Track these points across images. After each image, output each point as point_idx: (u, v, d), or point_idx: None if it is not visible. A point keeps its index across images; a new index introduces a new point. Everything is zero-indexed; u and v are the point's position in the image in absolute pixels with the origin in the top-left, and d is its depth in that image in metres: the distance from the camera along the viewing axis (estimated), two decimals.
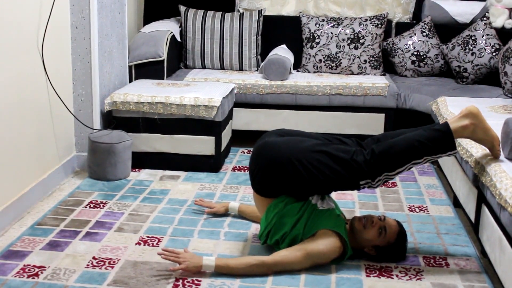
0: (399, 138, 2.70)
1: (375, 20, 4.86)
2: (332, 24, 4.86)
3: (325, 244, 2.62)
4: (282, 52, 4.66)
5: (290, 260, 2.60)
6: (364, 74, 4.80)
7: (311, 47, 4.85)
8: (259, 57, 4.96)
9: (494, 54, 4.51)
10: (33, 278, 2.52)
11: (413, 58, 4.78)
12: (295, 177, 2.67)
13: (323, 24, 4.88)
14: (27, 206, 3.25)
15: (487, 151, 2.84)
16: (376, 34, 4.82)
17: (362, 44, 4.79)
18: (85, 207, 3.31)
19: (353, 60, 4.79)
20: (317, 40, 4.84)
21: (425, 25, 4.86)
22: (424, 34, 4.81)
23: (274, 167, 2.68)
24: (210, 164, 3.92)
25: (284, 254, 2.61)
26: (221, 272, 2.57)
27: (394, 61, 4.86)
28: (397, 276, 2.63)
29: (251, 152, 2.84)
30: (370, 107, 4.45)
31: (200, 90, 3.94)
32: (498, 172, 2.58)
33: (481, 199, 2.81)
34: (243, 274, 2.57)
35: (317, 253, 2.61)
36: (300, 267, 2.62)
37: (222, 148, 4.01)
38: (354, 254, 2.75)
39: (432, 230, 3.13)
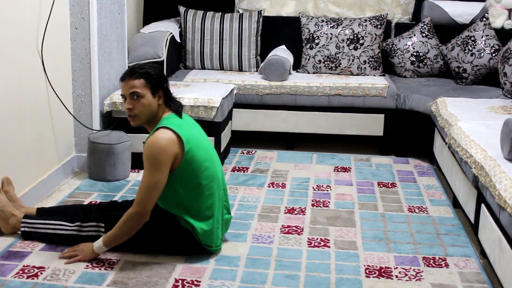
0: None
1: (374, 20, 4.86)
2: (331, 25, 4.86)
3: (153, 144, 2.58)
4: (282, 53, 4.66)
5: (148, 185, 2.57)
6: (364, 75, 4.80)
7: (311, 48, 4.85)
8: (258, 57, 4.96)
9: (494, 54, 4.51)
10: (32, 278, 2.52)
11: (413, 58, 4.78)
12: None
13: (322, 25, 4.87)
14: None
15: (487, 152, 2.84)
16: (376, 34, 4.82)
17: (362, 44, 4.79)
18: None
19: (353, 60, 4.78)
20: (316, 41, 4.84)
21: (425, 26, 4.86)
22: (424, 34, 4.81)
23: None
24: None
25: (139, 188, 2.59)
26: (110, 246, 2.63)
27: (394, 62, 4.86)
28: (396, 276, 2.63)
29: None
30: (369, 108, 4.46)
31: (200, 91, 3.94)
32: (498, 173, 2.58)
33: (481, 200, 2.81)
34: (126, 236, 2.61)
35: (154, 156, 2.56)
36: (161, 180, 2.57)
37: (222, 149, 4.01)
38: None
39: (431, 230, 3.13)
